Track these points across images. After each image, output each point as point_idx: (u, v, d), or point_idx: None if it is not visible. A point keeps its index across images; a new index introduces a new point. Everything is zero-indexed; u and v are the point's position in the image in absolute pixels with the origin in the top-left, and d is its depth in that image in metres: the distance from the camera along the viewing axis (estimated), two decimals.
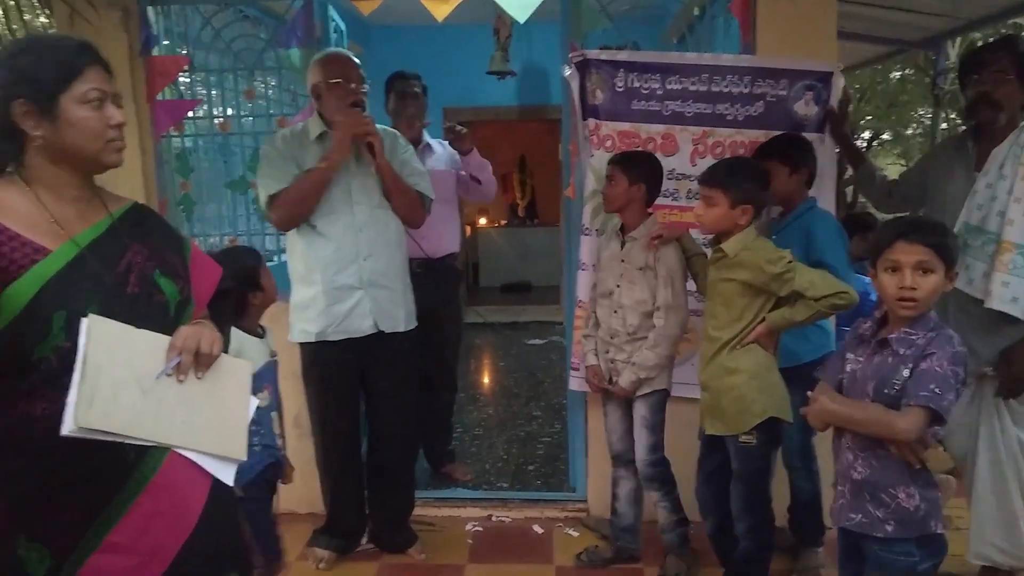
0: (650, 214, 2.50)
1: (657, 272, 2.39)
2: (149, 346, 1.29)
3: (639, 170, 2.43)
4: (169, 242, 1.48)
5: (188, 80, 3.24)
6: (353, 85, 2.50)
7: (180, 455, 1.31)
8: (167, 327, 1.34)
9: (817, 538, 2.60)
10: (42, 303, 1.23)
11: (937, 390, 1.55)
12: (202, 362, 1.32)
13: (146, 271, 1.36)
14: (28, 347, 1.23)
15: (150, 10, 2.96)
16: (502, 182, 9.44)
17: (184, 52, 3.11)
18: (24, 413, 1.24)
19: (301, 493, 3.01)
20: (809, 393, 1.76)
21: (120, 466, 1.28)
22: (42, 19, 4.48)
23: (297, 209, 2.47)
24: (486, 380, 5.44)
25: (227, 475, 1.38)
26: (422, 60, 3.53)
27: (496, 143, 8.34)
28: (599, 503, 2.97)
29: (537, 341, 6.41)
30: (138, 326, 1.29)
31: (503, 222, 9.34)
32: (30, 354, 1.23)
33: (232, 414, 1.39)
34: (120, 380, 1.23)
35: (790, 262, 2.08)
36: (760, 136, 2.65)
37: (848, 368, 1.76)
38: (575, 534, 2.95)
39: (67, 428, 1.16)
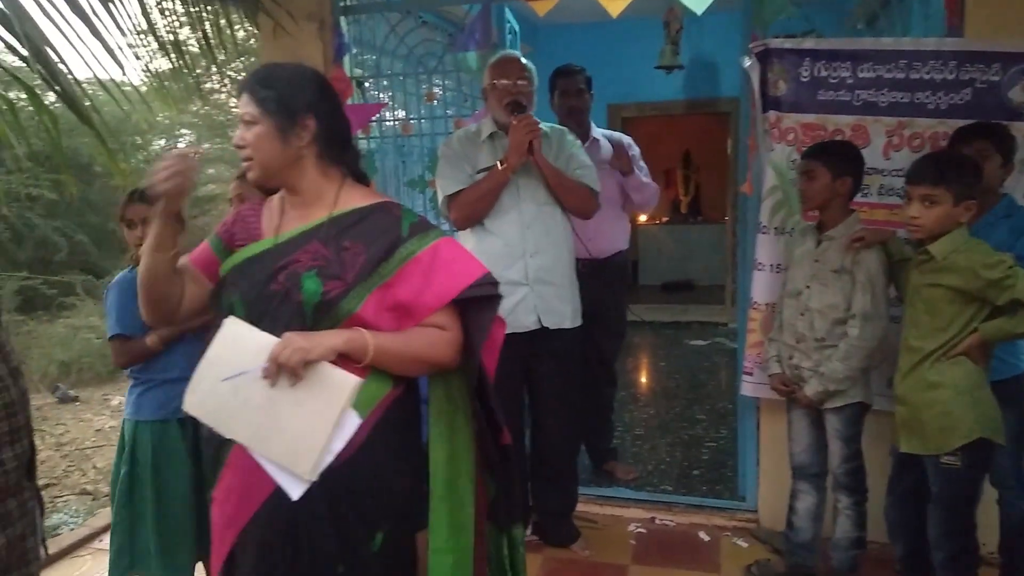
0: (852, 211, 2.32)
1: (855, 277, 2.22)
2: (261, 348, 1.34)
3: (844, 162, 2.26)
4: (373, 243, 1.43)
5: (370, 84, 3.43)
6: (509, 83, 2.54)
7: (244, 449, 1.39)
8: (300, 327, 1.37)
9: None
10: (224, 282, 1.48)
11: None
12: (284, 371, 1.33)
13: (299, 270, 1.40)
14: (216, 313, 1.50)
15: (342, 20, 3.17)
16: (665, 178, 9.27)
17: (371, 58, 3.31)
18: None
19: None
20: None
21: (219, 438, 1.42)
22: (241, 33, 4.91)
23: (474, 210, 2.55)
24: (646, 380, 5.36)
25: (292, 488, 1.35)
26: (588, 57, 3.52)
27: (659, 138, 8.21)
28: (771, 515, 2.84)
29: (700, 342, 6.23)
30: (267, 322, 1.39)
31: (665, 219, 9.17)
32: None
33: (309, 430, 1.34)
34: (224, 376, 1.36)
35: (1011, 267, 1.87)
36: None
37: None
38: (744, 545, 2.84)
39: (183, 406, 1.43)
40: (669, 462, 3.64)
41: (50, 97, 2.93)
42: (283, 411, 1.34)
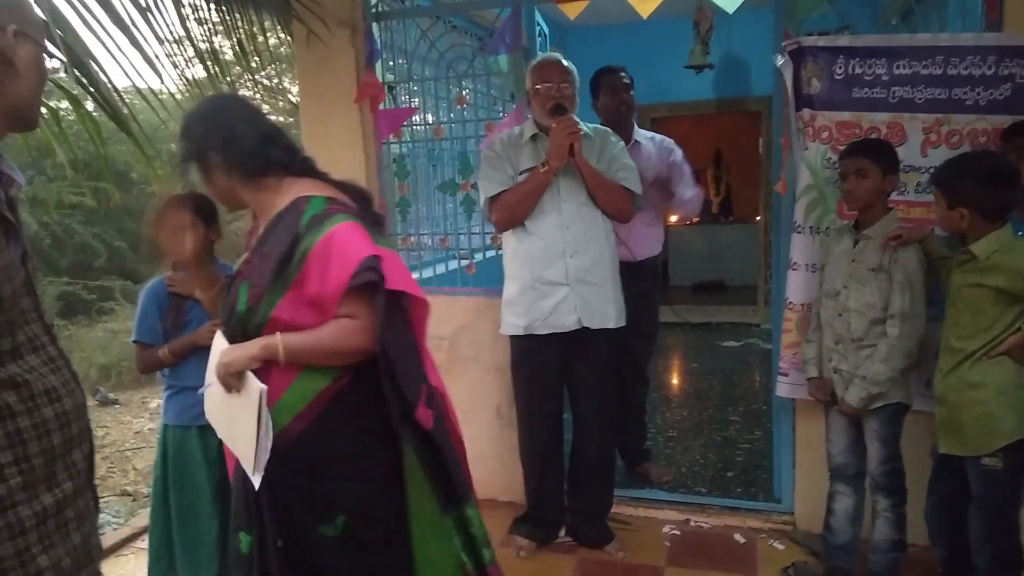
0: (890, 209, 2.29)
1: (893, 276, 2.19)
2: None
3: (891, 160, 2.24)
4: (280, 244, 1.43)
5: (401, 88, 3.46)
6: (552, 86, 2.55)
7: None
8: (239, 335, 1.48)
9: None
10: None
11: None
12: (222, 383, 1.45)
13: (239, 281, 1.50)
14: None
15: (374, 26, 3.20)
16: (695, 178, 9.17)
17: (403, 63, 3.34)
18: None
19: (503, 482, 3.14)
20: None
21: None
22: (273, 40, 4.98)
23: (515, 212, 2.57)
24: (678, 381, 5.33)
25: (253, 479, 1.47)
26: (618, 58, 3.51)
27: (690, 138, 8.09)
28: (808, 517, 2.81)
29: (732, 343, 6.17)
30: (228, 330, 1.52)
31: (695, 219, 9.06)
32: None
33: (245, 433, 1.45)
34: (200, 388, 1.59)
35: None
36: (1007, 122, 2.38)
37: None
38: (780, 547, 2.81)
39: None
40: (703, 463, 3.62)
41: (88, 106, 3.01)
42: (234, 416, 1.49)
